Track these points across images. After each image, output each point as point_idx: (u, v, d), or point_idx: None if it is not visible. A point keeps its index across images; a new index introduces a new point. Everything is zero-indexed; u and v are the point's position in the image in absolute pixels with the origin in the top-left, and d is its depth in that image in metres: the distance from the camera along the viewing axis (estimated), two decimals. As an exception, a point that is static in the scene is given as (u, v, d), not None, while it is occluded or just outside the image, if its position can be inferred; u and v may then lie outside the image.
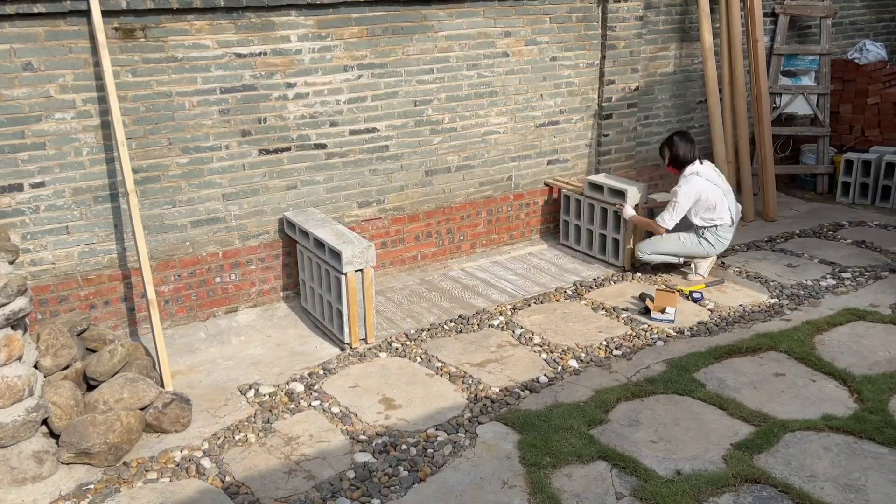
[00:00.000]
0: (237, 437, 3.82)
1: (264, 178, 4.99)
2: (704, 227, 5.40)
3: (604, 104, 6.33)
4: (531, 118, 6.06)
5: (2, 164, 4.19)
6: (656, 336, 4.76)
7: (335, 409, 4.05)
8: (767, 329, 4.80)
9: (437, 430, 3.84)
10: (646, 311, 5.06)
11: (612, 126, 6.43)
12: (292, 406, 4.09)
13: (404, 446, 3.71)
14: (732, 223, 5.44)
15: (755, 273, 5.68)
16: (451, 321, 5.02)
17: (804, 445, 3.64)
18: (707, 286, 5.43)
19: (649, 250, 5.50)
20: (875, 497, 3.29)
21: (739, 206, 5.58)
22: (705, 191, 5.30)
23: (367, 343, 4.72)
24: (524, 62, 5.89)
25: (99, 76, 4.30)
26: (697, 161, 5.40)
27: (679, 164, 5.41)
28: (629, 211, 5.54)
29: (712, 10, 6.88)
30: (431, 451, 3.67)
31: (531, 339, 4.76)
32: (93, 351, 4.18)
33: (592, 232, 5.98)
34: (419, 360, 4.56)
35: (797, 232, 6.55)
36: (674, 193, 5.36)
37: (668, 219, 5.36)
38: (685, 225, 5.48)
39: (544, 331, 4.87)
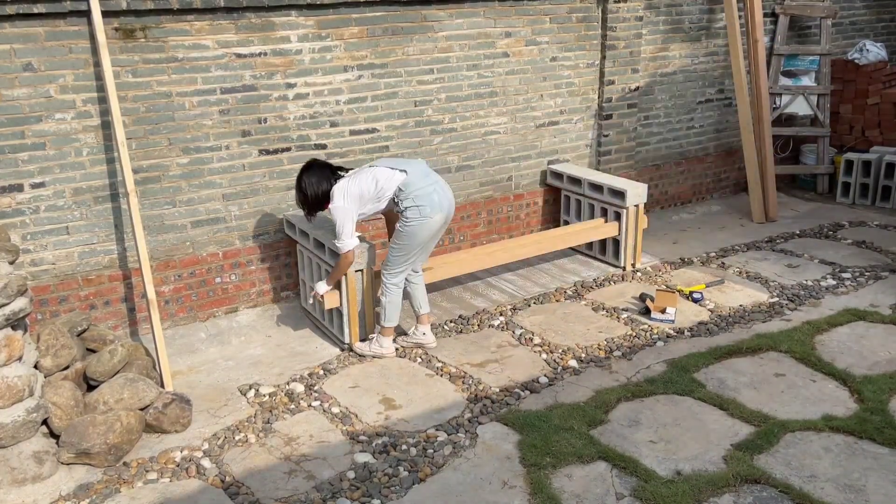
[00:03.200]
0: (237, 438, 3.82)
1: (264, 178, 4.99)
2: (395, 199, 4.35)
3: (604, 104, 6.33)
4: (531, 118, 6.06)
5: (2, 165, 4.19)
6: (656, 336, 4.76)
7: (335, 410, 4.05)
8: (767, 329, 4.80)
9: (437, 430, 3.84)
10: (646, 312, 5.06)
11: (612, 126, 6.43)
12: (292, 406, 4.09)
13: (404, 446, 3.71)
14: (409, 173, 4.34)
15: (755, 273, 5.68)
16: (451, 321, 5.02)
17: (804, 446, 3.64)
18: (707, 286, 5.43)
19: (389, 274, 4.47)
20: (875, 497, 3.29)
21: (417, 161, 4.53)
22: (354, 185, 4.33)
23: (367, 343, 4.71)
24: (524, 62, 5.89)
25: (99, 76, 4.30)
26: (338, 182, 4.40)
27: (324, 199, 4.39)
28: (321, 286, 4.54)
29: (712, 11, 6.88)
30: (431, 451, 3.67)
31: (531, 340, 4.76)
32: (93, 351, 4.18)
33: (592, 232, 5.98)
34: (419, 360, 4.56)
35: (797, 232, 6.55)
36: (333, 216, 4.35)
37: (343, 239, 4.31)
38: (392, 231, 4.64)
39: (544, 331, 4.87)
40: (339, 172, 4.44)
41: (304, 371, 4.45)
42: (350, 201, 4.31)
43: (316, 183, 4.34)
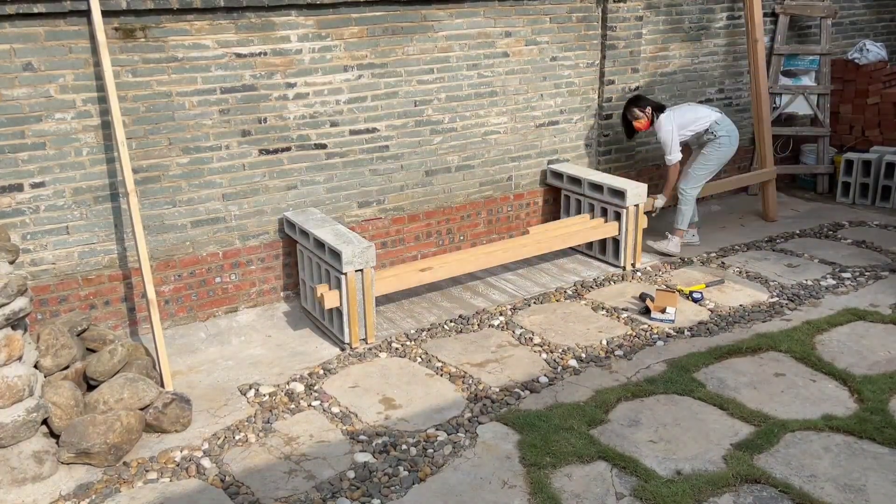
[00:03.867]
0: (237, 437, 3.82)
1: (264, 178, 4.99)
2: (709, 130, 5.91)
3: (604, 104, 6.33)
4: (531, 118, 6.06)
5: (2, 164, 4.19)
6: (656, 336, 4.76)
7: (335, 409, 4.05)
8: (767, 329, 4.80)
9: (437, 430, 3.84)
10: (646, 311, 5.06)
11: (612, 126, 6.43)
12: (292, 406, 4.09)
13: (404, 446, 3.71)
14: (722, 114, 5.98)
15: (755, 273, 5.68)
16: (451, 321, 5.02)
17: (804, 445, 3.64)
18: (707, 286, 5.44)
19: (689, 186, 6.04)
20: (875, 497, 3.29)
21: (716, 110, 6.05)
22: (674, 117, 5.88)
23: (367, 343, 4.72)
24: (524, 62, 5.89)
25: (99, 76, 4.30)
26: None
27: (656, 115, 5.92)
28: (661, 199, 6.11)
29: (712, 11, 6.88)
30: (431, 451, 3.67)
31: (531, 339, 4.76)
32: (93, 351, 4.18)
33: (592, 232, 5.98)
34: (419, 360, 4.56)
35: (797, 232, 6.55)
36: (662, 139, 5.92)
37: (670, 155, 5.91)
38: (695, 151, 6.15)
39: (544, 331, 4.87)
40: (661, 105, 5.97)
41: (304, 371, 4.45)
42: (675, 126, 5.86)
43: (651, 104, 5.91)
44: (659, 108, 5.94)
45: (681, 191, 6.08)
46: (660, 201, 6.10)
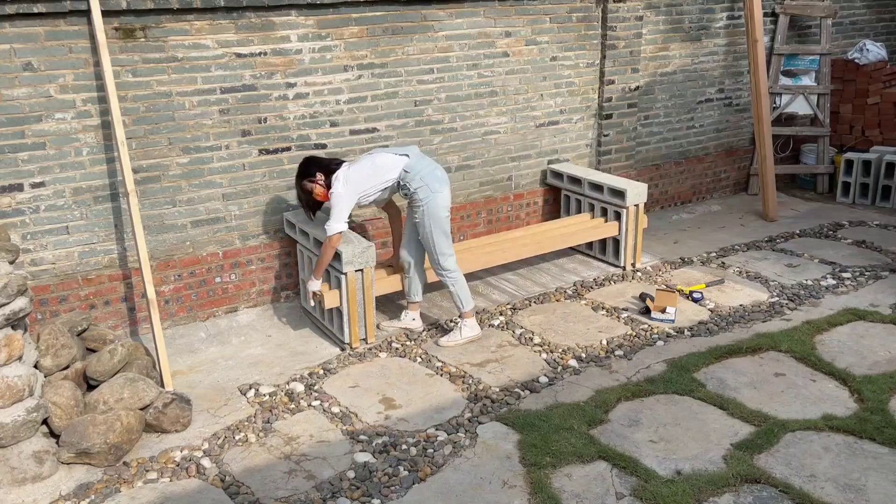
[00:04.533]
0: (237, 437, 3.82)
1: (264, 178, 4.99)
2: (402, 185, 4.53)
3: (604, 104, 6.33)
4: (531, 118, 6.06)
5: (2, 164, 4.19)
6: (656, 336, 4.76)
7: (335, 409, 4.05)
8: (767, 329, 4.80)
9: (437, 430, 3.84)
10: (646, 311, 5.06)
11: (612, 126, 6.43)
12: (292, 406, 4.09)
13: (404, 446, 3.71)
14: (410, 157, 4.56)
15: (755, 273, 5.68)
16: (451, 321, 5.02)
17: (804, 445, 3.64)
18: (707, 286, 5.43)
19: (445, 262, 4.63)
20: (875, 497, 3.29)
21: (411, 147, 4.72)
22: (354, 171, 4.47)
23: (367, 343, 4.72)
24: (524, 62, 5.89)
25: (99, 76, 4.30)
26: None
27: (329, 183, 4.50)
28: (312, 284, 4.60)
29: (712, 11, 6.88)
30: (431, 451, 3.67)
31: (531, 339, 4.76)
32: (93, 351, 4.18)
33: (592, 232, 5.98)
34: (419, 360, 4.56)
35: (797, 232, 6.55)
36: (332, 200, 4.45)
37: (332, 223, 4.37)
38: (407, 214, 4.76)
39: (544, 331, 4.87)
40: (336, 162, 4.59)
41: (304, 371, 4.45)
42: (349, 186, 4.44)
43: (319, 165, 4.54)
44: (329, 170, 4.51)
45: (441, 274, 4.70)
46: (314, 285, 4.58)
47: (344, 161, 4.61)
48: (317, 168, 4.54)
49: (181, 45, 4.51)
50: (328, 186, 4.49)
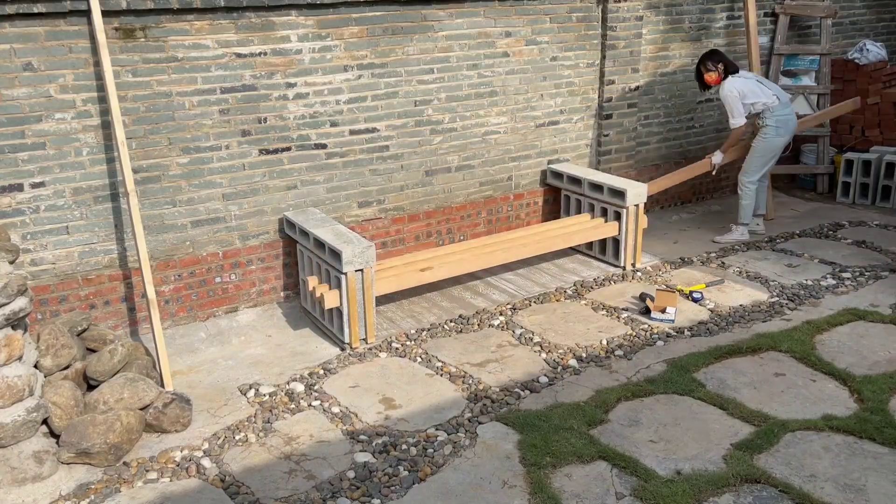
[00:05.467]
0: (237, 437, 3.82)
1: (264, 178, 4.99)
2: (761, 115, 6.03)
3: (604, 104, 6.33)
4: (531, 118, 6.06)
5: (2, 164, 4.19)
6: (656, 336, 4.76)
7: (335, 409, 4.05)
8: (767, 329, 4.80)
9: (437, 429, 3.84)
10: (646, 311, 5.06)
11: (612, 126, 6.43)
12: (292, 406, 4.09)
13: (404, 446, 3.71)
14: (780, 101, 6.03)
15: (755, 273, 5.68)
16: (451, 321, 5.02)
17: (804, 445, 3.64)
18: (707, 286, 5.44)
19: (747, 178, 6.18)
20: (875, 497, 3.29)
21: (781, 92, 6.19)
22: (741, 84, 5.95)
23: (367, 343, 4.72)
24: (524, 62, 5.89)
25: (99, 76, 4.30)
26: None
27: (726, 73, 6.02)
28: (717, 155, 6.29)
29: (712, 11, 6.88)
30: (431, 451, 3.67)
31: (531, 339, 4.76)
32: (93, 351, 4.18)
33: (592, 232, 5.98)
34: (419, 360, 4.56)
35: (797, 232, 6.55)
36: (724, 99, 6.01)
37: (734, 119, 6.00)
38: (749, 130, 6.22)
39: (544, 331, 4.87)
40: (734, 67, 6.06)
41: (304, 371, 4.45)
42: (737, 91, 5.93)
43: (725, 62, 6.02)
44: (731, 69, 6.02)
45: (739, 184, 6.24)
46: (717, 157, 6.28)
47: (739, 69, 6.05)
48: (721, 59, 6.02)
49: (181, 45, 4.51)
50: (722, 79, 6.00)
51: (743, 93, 5.95)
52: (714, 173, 6.48)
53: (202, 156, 4.74)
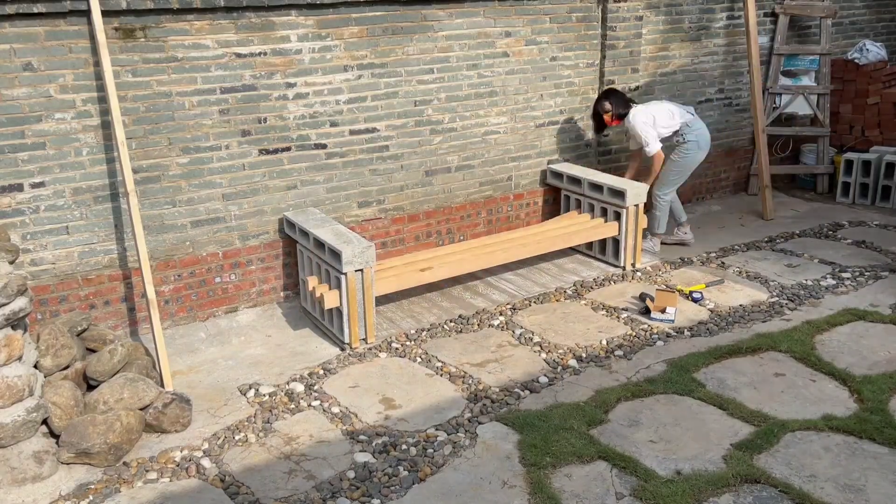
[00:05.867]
0: (237, 437, 3.82)
1: (264, 178, 4.99)
2: (680, 132, 5.94)
3: (604, 104, 6.33)
4: (531, 118, 6.06)
5: (2, 164, 4.19)
6: (656, 336, 4.76)
7: (335, 409, 4.05)
8: (767, 329, 4.80)
9: (437, 430, 3.84)
10: (646, 311, 5.06)
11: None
12: (292, 406, 4.09)
13: (404, 446, 3.71)
14: (693, 116, 5.98)
15: (755, 273, 5.68)
16: (451, 321, 5.02)
17: (804, 445, 3.64)
18: (707, 286, 5.44)
19: (662, 193, 6.08)
20: (875, 497, 3.29)
21: (691, 108, 6.11)
22: (651, 111, 5.83)
23: (367, 343, 4.72)
24: (524, 62, 5.89)
25: (99, 76, 4.30)
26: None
27: (623, 114, 5.87)
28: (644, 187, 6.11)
29: (712, 11, 6.88)
30: (431, 451, 3.67)
31: (531, 339, 4.76)
32: (93, 351, 4.18)
33: (592, 232, 5.98)
34: (419, 360, 4.56)
35: (797, 232, 6.55)
36: (633, 129, 5.86)
37: (650, 146, 5.83)
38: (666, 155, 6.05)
39: (544, 331, 4.87)
40: (631, 102, 5.94)
41: (304, 371, 4.45)
42: (649, 118, 5.82)
43: (618, 104, 5.83)
44: (627, 104, 5.88)
45: (654, 196, 6.08)
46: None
47: (634, 103, 5.95)
48: (613, 100, 5.85)
49: (181, 45, 4.51)
50: (618, 118, 5.87)
51: (655, 119, 5.81)
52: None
53: (202, 156, 4.74)
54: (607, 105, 5.85)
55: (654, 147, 5.82)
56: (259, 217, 5.03)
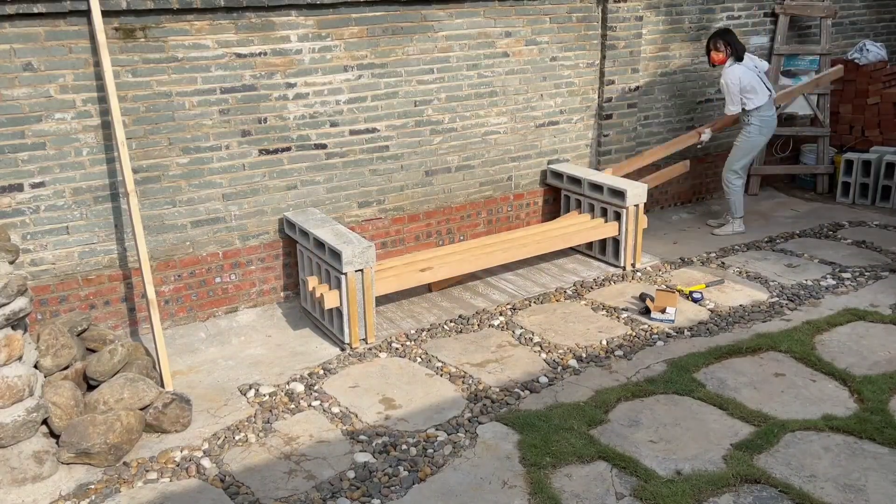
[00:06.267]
0: (237, 437, 3.82)
1: (264, 178, 4.99)
2: (746, 112, 6.21)
3: (604, 104, 6.33)
4: (531, 118, 6.06)
5: (2, 164, 4.19)
6: (656, 336, 4.76)
7: (335, 409, 4.05)
8: (767, 329, 4.80)
9: (437, 430, 3.84)
10: (646, 311, 5.06)
11: (612, 126, 6.43)
12: (292, 406, 4.09)
13: (404, 446, 3.71)
14: (770, 96, 6.23)
15: (755, 273, 5.68)
16: (451, 321, 5.02)
17: (804, 445, 3.64)
18: (707, 286, 5.44)
19: (731, 174, 6.41)
20: (875, 497, 3.29)
21: (773, 89, 6.38)
22: (745, 75, 6.09)
23: (367, 343, 4.72)
24: (524, 62, 5.89)
25: (99, 76, 4.30)
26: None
27: (735, 56, 6.12)
28: (707, 133, 6.51)
29: (712, 11, 6.88)
30: (431, 451, 3.67)
31: (531, 339, 4.76)
32: (93, 351, 4.18)
33: (592, 232, 5.98)
34: (419, 360, 4.56)
35: (797, 232, 6.55)
36: (724, 84, 6.14)
37: (730, 106, 6.20)
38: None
39: (544, 331, 4.87)
40: (743, 51, 6.14)
41: (304, 371, 4.45)
42: (740, 80, 6.07)
43: (734, 46, 6.10)
44: (738, 53, 6.10)
45: (725, 180, 6.47)
46: (706, 135, 6.50)
47: (748, 55, 6.18)
48: (732, 42, 6.10)
49: (181, 45, 4.51)
50: (725, 59, 6.12)
51: (743, 85, 6.09)
52: (699, 146, 6.76)
53: (202, 156, 4.74)
54: (720, 44, 6.12)
55: (733, 108, 6.20)
56: (259, 217, 5.03)
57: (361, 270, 4.55)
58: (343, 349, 4.69)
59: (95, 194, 4.48)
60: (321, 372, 4.43)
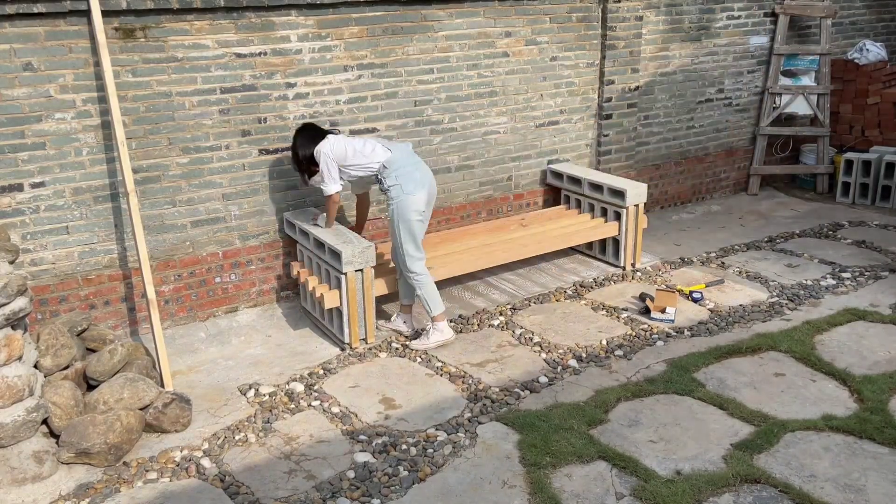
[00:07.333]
0: (237, 437, 3.82)
1: (264, 177, 4.99)
2: (379, 178, 4.57)
3: (604, 104, 6.33)
4: (531, 118, 6.06)
5: (2, 164, 4.19)
6: (656, 336, 4.76)
7: (335, 409, 4.05)
8: (767, 329, 4.80)
9: (437, 430, 3.84)
10: (646, 311, 5.06)
11: (612, 126, 6.43)
12: (292, 406, 4.09)
13: (404, 446, 3.71)
14: (393, 153, 4.54)
15: (755, 273, 5.68)
16: (450, 321, 5.02)
17: (804, 445, 3.64)
18: (707, 286, 5.43)
19: (412, 263, 4.59)
20: (875, 497, 3.29)
21: (408, 143, 4.79)
22: (338, 143, 4.52)
23: (367, 343, 4.72)
24: (524, 62, 5.89)
25: (99, 76, 4.30)
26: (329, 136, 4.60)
27: (313, 159, 4.56)
28: (321, 220, 4.80)
29: (712, 11, 6.88)
30: (431, 451, 3.67)
31: (531, 339, 4.76)
32: (93, 351, 4.18)
33: (592, 232, 5.98)
34: (419, 360, 4.56)
35: (797, 232, 6.55)
36: (320, 165, 4.53)
37: (327, 183, 4.53)
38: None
39: (544, 331, 4.87)
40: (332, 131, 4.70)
41: (303, 371, 4.45)
42: (335, 152, 4.52)
43: (305, 144, 4.56)
44: (320, 136, 4.58)
45: (407, 277, 4.67)
46: (321, 220, 4.79)
47: (332, 133, 4.66)
48: (315, 132, 4.60)
49: (181, 45, 4.51)
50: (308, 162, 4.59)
51: (339, 157, 4.51)
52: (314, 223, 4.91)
53: (202, 156, 4.74)
54: (298, 158, 4.60)
55: (329, 188, 4.55)
56: (259, 217, 5.03)
57: (361, 270, 4.55)
58: (343, 349, 4.68)
59: (95, 194, 4.48)
60: (321, 372, 4.43)
